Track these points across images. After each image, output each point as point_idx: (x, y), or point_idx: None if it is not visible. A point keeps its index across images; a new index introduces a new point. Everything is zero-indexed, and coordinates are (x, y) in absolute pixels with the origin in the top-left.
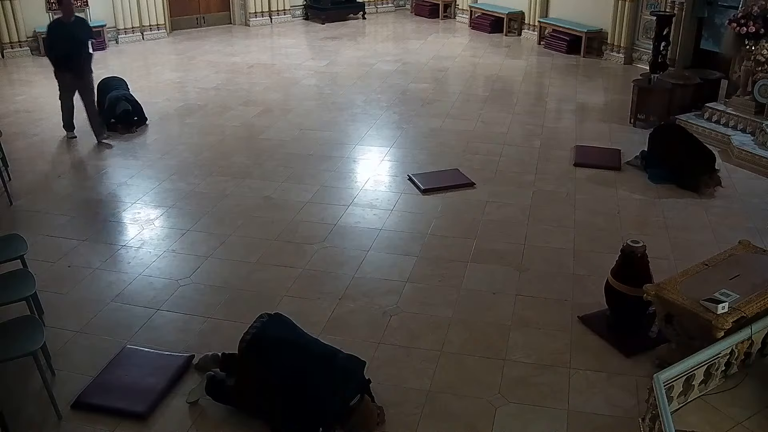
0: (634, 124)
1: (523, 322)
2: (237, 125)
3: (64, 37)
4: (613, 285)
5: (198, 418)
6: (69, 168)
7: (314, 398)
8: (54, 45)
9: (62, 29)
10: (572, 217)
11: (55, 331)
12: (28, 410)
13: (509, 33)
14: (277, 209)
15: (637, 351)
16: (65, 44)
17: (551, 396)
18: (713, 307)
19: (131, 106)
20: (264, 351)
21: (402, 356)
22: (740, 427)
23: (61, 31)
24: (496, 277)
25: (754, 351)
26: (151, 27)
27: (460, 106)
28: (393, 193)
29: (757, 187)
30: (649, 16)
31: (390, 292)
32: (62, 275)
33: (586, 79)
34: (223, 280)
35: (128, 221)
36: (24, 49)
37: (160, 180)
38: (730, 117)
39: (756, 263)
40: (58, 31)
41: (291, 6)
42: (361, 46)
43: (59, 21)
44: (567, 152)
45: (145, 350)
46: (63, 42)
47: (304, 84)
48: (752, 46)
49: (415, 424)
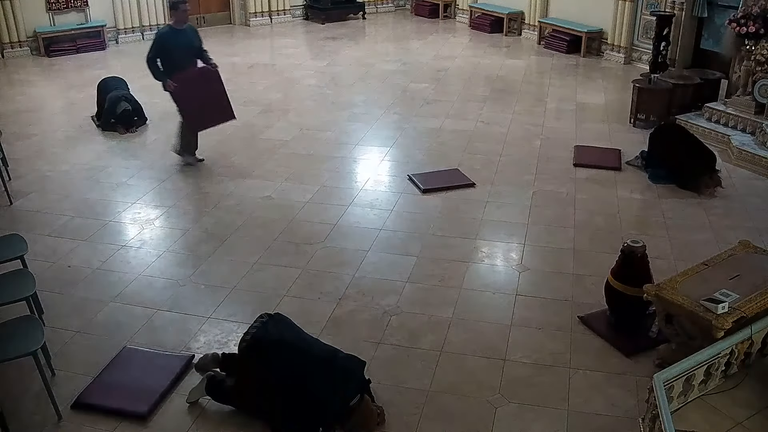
0: (634, 124)
1: (523, 322)
2: (237, 125)
3: (180, 45)
4: (613, 285)
5: (198, 418)
6: (69, 168)
7: (314, 398)
8: (169, 55)
9: (177, 37)
10: (572, 217)
11: (55, 331)
12: (28, 410)
13: (509, 33)
14: (277, 209)
15: (637, 351)
16: (181, 53)
17: (551, 396)
18: (713, 307)
19: (131, 106)
20: (264, 351)
21: (402, 356)
22: (740, 427)
23: (175, 39)
24: (496, 277)
25: (754, 351)
26: (151, 27)
27: (460, 106)
28: (393, 193)
29: (757, 187)
30: (649, 16)
31: (390, 292)
32: (62, 275)
33: (586, 79)
34: (223, 280)
35: (128, 221)
36: (24, 49)
37: (160, 180)
38: (730, 117)
39: (756, 263)
40: (172, 40)
41: (291, 6)
42: (361, 46)
43: (172, 28)
44: (567, 152)
45: (145, 350)
46: (179, 51)
47: (304, 84)
48: (752, 46)
49: (415, 424)
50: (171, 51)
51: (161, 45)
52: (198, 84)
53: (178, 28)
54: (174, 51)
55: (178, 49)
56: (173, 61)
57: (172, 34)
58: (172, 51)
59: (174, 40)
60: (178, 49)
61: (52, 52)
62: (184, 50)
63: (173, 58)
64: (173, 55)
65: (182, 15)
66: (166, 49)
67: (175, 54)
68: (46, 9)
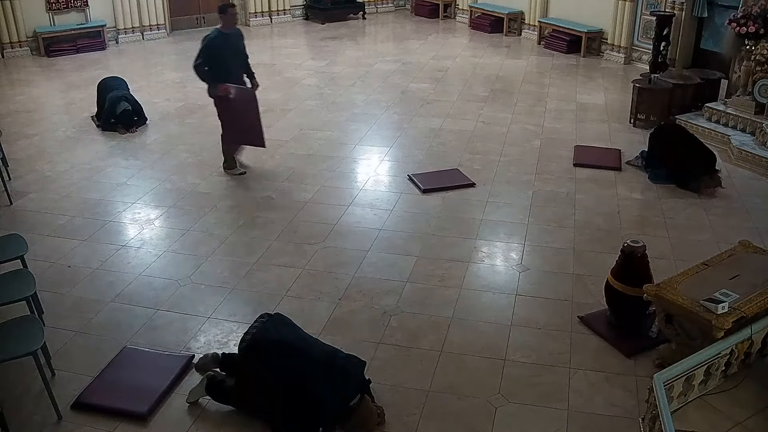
0: (634, 124)
1: (523, 322)
2: None
3: (228, 49)
4: (613, 285)
5: (198, 418)
6: (69, 168)
7: (314, 398)
8: (217, 59)
9: (225, 41)
10: (572, 217)
11: (55, 331)
12: (28, 410)
13: (509, 33)
14: (277, 209)
15: (637, 351)
16: (229, 58)
17: (551, 396)
18: (713, 307)
19: (131, 106)
20: (264, 351)
21: (402, 356)
22: (740, 427)
23: (224, 43)
24: (496, 277)
25: (754, 351)
26: (151, 27)
27: (460, 106)
28: (393, 193)
29: (757, 187)
30: (649, 16)
31: (390, 292)
32: (62, 275)
33: (586, 79)
34: (223, 280)
35: (128, 221)
36: (24, 49)
37: (160, 180)
38: (730, 117)
39: (756, 263)
40: (221, 44)
41: (291, 6)
42: (361, 46)
43: (221, 32)
44: (567, 152)
45: (145, 350)
46: (227, 55)
47: (304, 84)
48: (752, 46)
49: (415, 424)
50: (219, 55)
51: (210, 49)
52: (242, 102)
53: (226, 32)
54: (222, 55)
55: (227, 53)
56: (221, 66)
57: (221, 38)
58: (220, 55)
59: (223, 45)
60: (226, 53)
61: (52, 52)
62: (232, 55)
63: (222, 62)
64: (221, 60)
65: (231, 19)
66: (215, 54)
67: (223, 59)
68: (46, 9)
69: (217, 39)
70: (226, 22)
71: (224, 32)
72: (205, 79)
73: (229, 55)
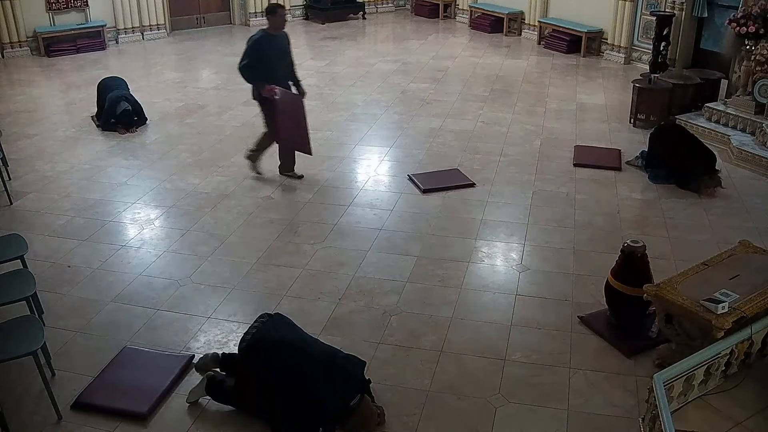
0: (634, 124)
1: (523, 322)
2: (237, 125)
3: (275, 51)
4: (613, 285)
5: (198, 418)
6: (69, 168)
7: (314, 398)
8: (263, 61)
9: (272, 43)
10: (572, 217)
11: (55, 331)
12: (28, 410)
13: (509, 33)
14: (277, 209)
15: (637, 351)
16: (276, 60)
17: (551, 396)
18: (713, 307)
19: (131, 106)
20: (264, 351)
21: (402, 356)
22: (740, 427)
23: (270, 45)
24: (496, 277)
25: (754, 351)
26: (151, 27)
27: (460, 106)
28: (393, 193)
29: (757, 187)
30: (649, 16)
31: (390, 292)
32: (62, 275)
33: (586, 79)
34: (223, 280)
35: (128, 221)
36: (24, 49)
37: (160, 180)
38: (730, 117)
39: (756, 263)
40: (267, 45)
41: (291, 6)
42: (361, 46)
43: (267, 33)
44: (567, 152)
45: (145, 350)
46: (273, 57)
47: (304, 84)
48: (752, 46)
49: (415, 424)
50: (266, 57)
51: (256, 51)
52: (289, 105)
53: (273, 34)
54: (268, 57)
55: (273, 55)
56: (267, 67)
57: (268, 40)
58: (266, 57)
59: (269, 46)
60: (272, 55)
61: (52, 52)
62: (278, 57)
63: (267, 64)
64: (267, 62)
65: (280, 21)
66: (261, 56)
67: (269, 60)
68: (46, 9)
69: (262, 39)
70: (274, 23)
71: (271, 34)
72: (250, 79)
73: (275, 57)
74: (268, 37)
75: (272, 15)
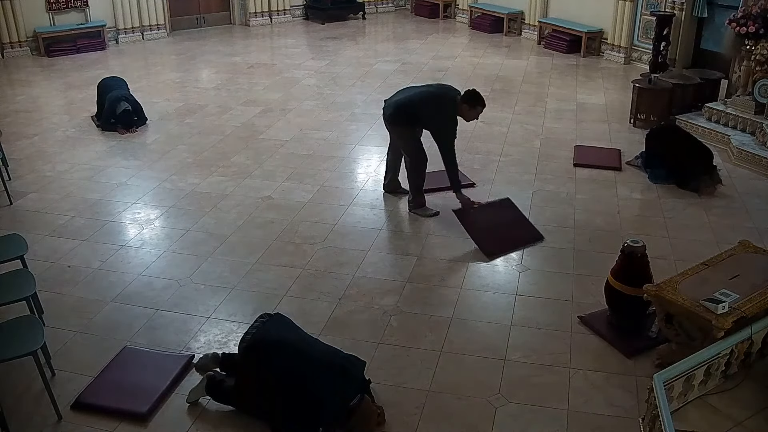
0: (634, 124)
1: (523, 322)
2: (237, 125)
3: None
4: (613, 285)
5: (198, 418)
6: (69, 168)
7: (314, 398)
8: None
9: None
10: (572, 217)
11: (55, 331)
12: (28, 410)
13: (509, 33)
14: (277, 209)
15: (637, 351)
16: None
17: (551, 396)
18: (713, 307)
19: (131, 106)
20: (264, 351)
21: (402, 356)
22: (740, 427)
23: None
24: (496, 277)
25: (754, 351)
26: (151, 27)
27: None
28: (393, 193)
29: (757, 187)
30: (649, 16)
31: (390, 292)
32: (62, 275)
33: (586, 79)
34: (223, 280)
35: (128, 221)
36: (24, 49)
37: (160, 180)
38: (730, 117)
39: (756, 263)
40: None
41: (291, 6)
42: (361, 46)
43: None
44: (567, 152)
45: (145, 350)
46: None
47: (304, 84)
48: (752, 46)
49: (415, 424)
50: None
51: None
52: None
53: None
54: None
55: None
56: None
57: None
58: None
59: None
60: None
61: (52, 52)
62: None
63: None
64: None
65: (474, 115)
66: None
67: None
68: (46, 9)
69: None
70: (468, 115)
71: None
72: (456, 175)
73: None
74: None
75: (472, 107)
